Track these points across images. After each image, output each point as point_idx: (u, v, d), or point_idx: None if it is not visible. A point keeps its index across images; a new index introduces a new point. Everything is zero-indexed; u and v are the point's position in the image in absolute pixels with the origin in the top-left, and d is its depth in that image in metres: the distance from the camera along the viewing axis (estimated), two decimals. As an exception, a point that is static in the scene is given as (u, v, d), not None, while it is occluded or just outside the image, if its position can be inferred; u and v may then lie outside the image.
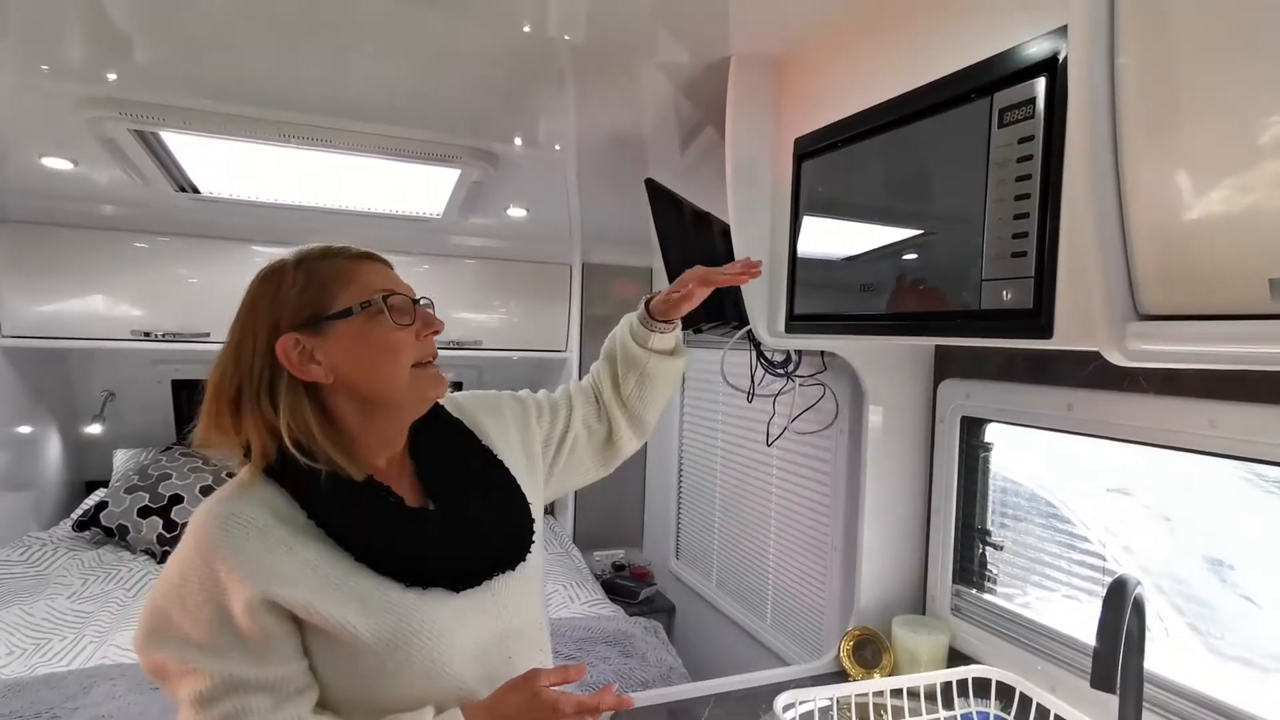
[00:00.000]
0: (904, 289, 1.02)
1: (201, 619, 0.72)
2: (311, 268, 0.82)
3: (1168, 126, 0.64)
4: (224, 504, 0.77)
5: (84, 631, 1.85)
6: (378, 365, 0.81)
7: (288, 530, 0.76)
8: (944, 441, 1.47)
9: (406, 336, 0.83)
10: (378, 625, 0.77)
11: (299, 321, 0.79)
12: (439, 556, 0.83)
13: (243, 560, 0.73)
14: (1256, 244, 0.59)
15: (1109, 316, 0.70)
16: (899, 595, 1.52)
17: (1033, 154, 0.82)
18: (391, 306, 0.82)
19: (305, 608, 0.74)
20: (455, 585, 0.83)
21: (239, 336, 0.81)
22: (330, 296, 0.81)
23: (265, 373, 0.79)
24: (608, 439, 1.13)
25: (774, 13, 1.19)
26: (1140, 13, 0.66)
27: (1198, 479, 1.13)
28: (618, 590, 2.92)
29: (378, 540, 0.79)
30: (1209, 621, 1.09)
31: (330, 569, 0.77)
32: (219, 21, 1.24)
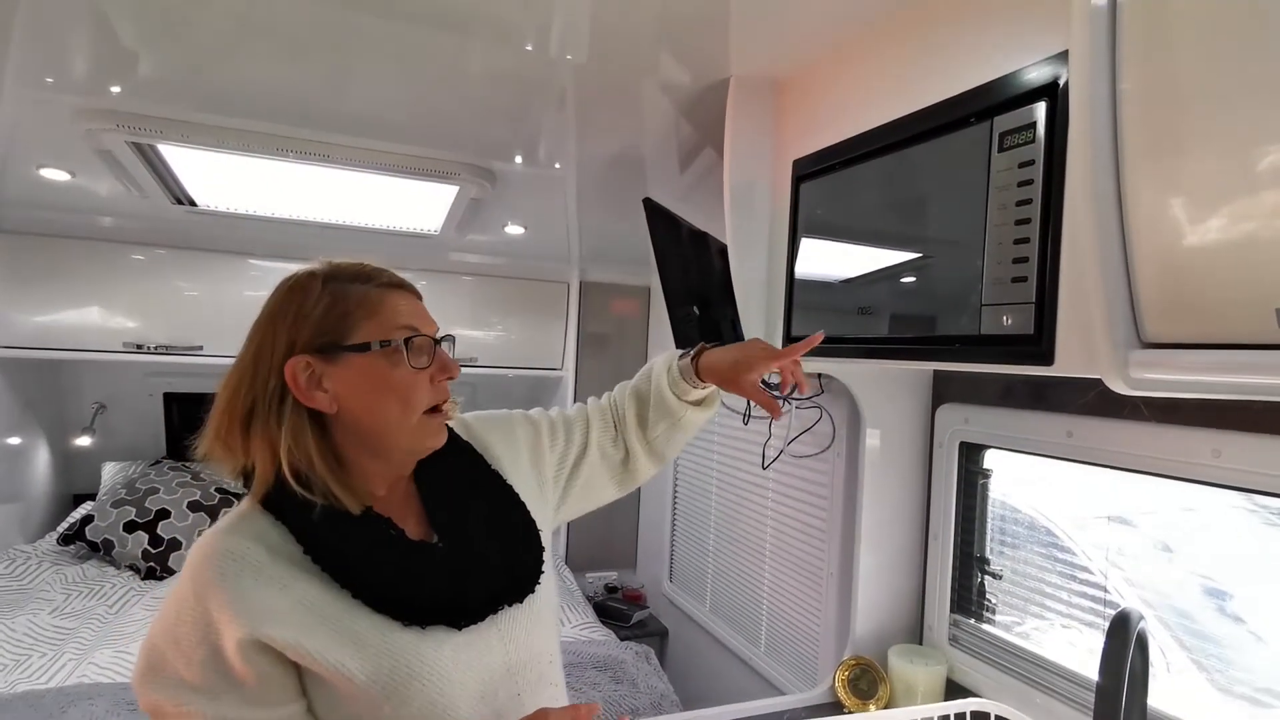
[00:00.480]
0: (902, 312, 1.01)
1: (195, 660, 0.70)
2: (338, 290, 0.79)
3: (1170, 153, 0.64)
4: (219, 538, 0.74)
5: (64, 648, 1.81)
6: (386, 406, 0.78)
7: (283, 566, 0.74)
8: (942, 467, 1.45)
9: (421, 380, 0.80)
10: (374, 668, 0.73)
11: (315, 345, 0.77)
12: (440, 593, 0.78)
13: (235, 598, 0.70)
14: (1262, 273, 0.58)
15: (1112, 344, 0.68)
16: (896, 624, 1.49)
17: (1033, 178, 0.81)
18: (413, 349, 0.79)
19: (296, 649, 0.71)
20: (457, 623, 0.78)
21: (256, 347, 0.78)
22: (351, 325, 0.78)
23: (277, 390, 0.76)
24: (624, 464, 1.09)
25: (774, 34, 1.19)
26: (1142, 39, 0.65)
27: (1202, 510, 1.11)
28: (610, 613, 2.87)
29: (375, 577, 0.76)
30: (1212, 656, 1.07)
31: (325, 607, 0.73)
32: (224, 37, 1.23)
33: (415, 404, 0.79)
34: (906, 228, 1.03)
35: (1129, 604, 1.16)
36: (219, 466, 0.79)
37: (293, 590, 0.73)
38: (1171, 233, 0.65)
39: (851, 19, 1.12)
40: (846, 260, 1.16)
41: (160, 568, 2.36)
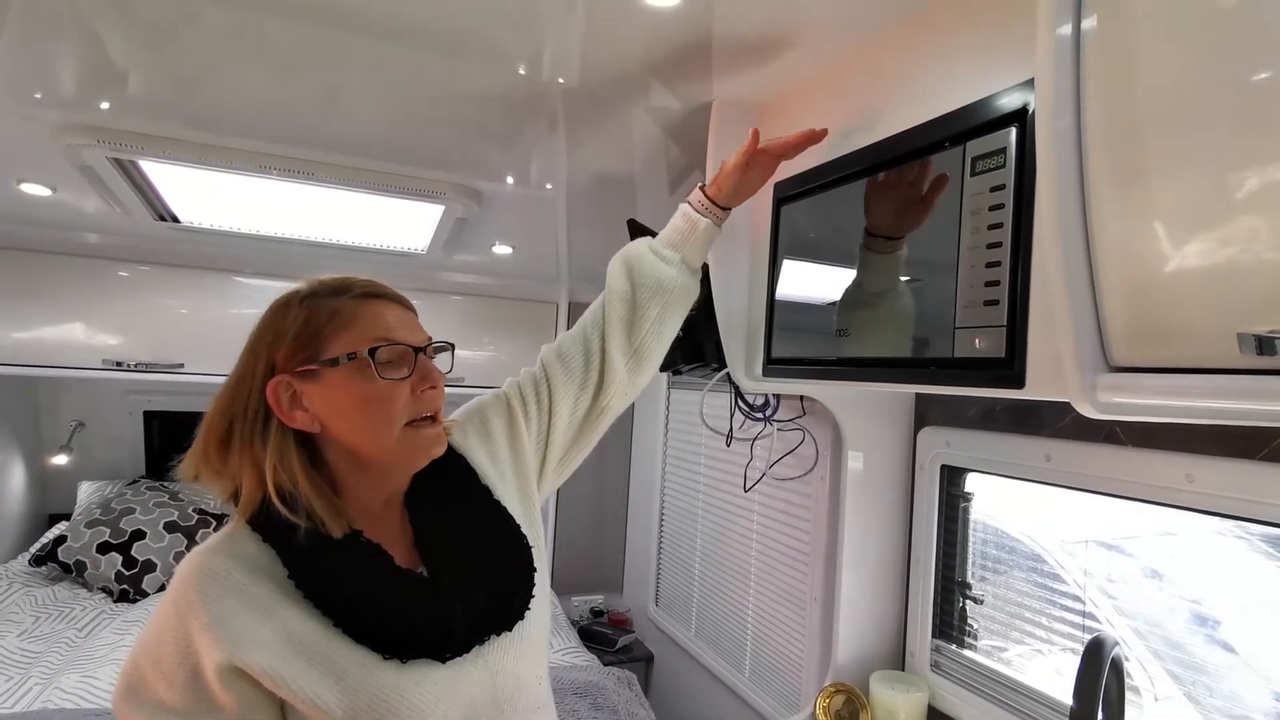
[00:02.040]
0: (879, 335, 1.01)
1: (176, 681, 0.68)
2: (314, 305, 0.78)
3: (1134, 182, 0.64)
4: (205, 557, 0.73)
5: (30, 672, 1.77)
6: (365, 421, 0.77)
7: (266, 589, 0.72)
8: (924, 490, 1.45)
9: (399, 391, 0.78)
10: (351, 703, 0.71)
11: (293, 364, 0.76)
12: (425, 625, 0.76)
13: (216, 620, 0.69)
14: (1224, 299, 0.59)
15: (1079, 368, 0.68)
16: (878, 650, 1.47)
17: (1004, 203, 0.82)
18: (379, 360, 0.77)
19: (273, 679, 0.69)
20: (441, 655, 0.76)
21: (240, 370, 0.78)
22: (324, 340, 0.76)
23: (260, 412, 0.75)
24: (595, 398, 1.02)
25: (754, 60, 1.21)
26: (1106, 69, 0.66)
27: (1186, 534, 1.11)
28: (595, 637, 2.84)
29: (359, 607, 0.74)
30: (1198, 684, 1.06)
31: (306, 636, 0.72)
32: (213, 55, 1.24)
33: (394, 416, 0.77)
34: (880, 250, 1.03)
35: (1116, 631, 1.16)
36: (209, 487, 0.78)
37: (275, 616, 0.71)
38: (1137, 259, 0.65)
39: (831, 44, 1.13)
40: (825, 282, 1.17)
41: (133, 590, 2.31)
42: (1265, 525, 0.93)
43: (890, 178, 0.98)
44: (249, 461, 0.74)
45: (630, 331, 1.04)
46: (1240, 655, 1.03)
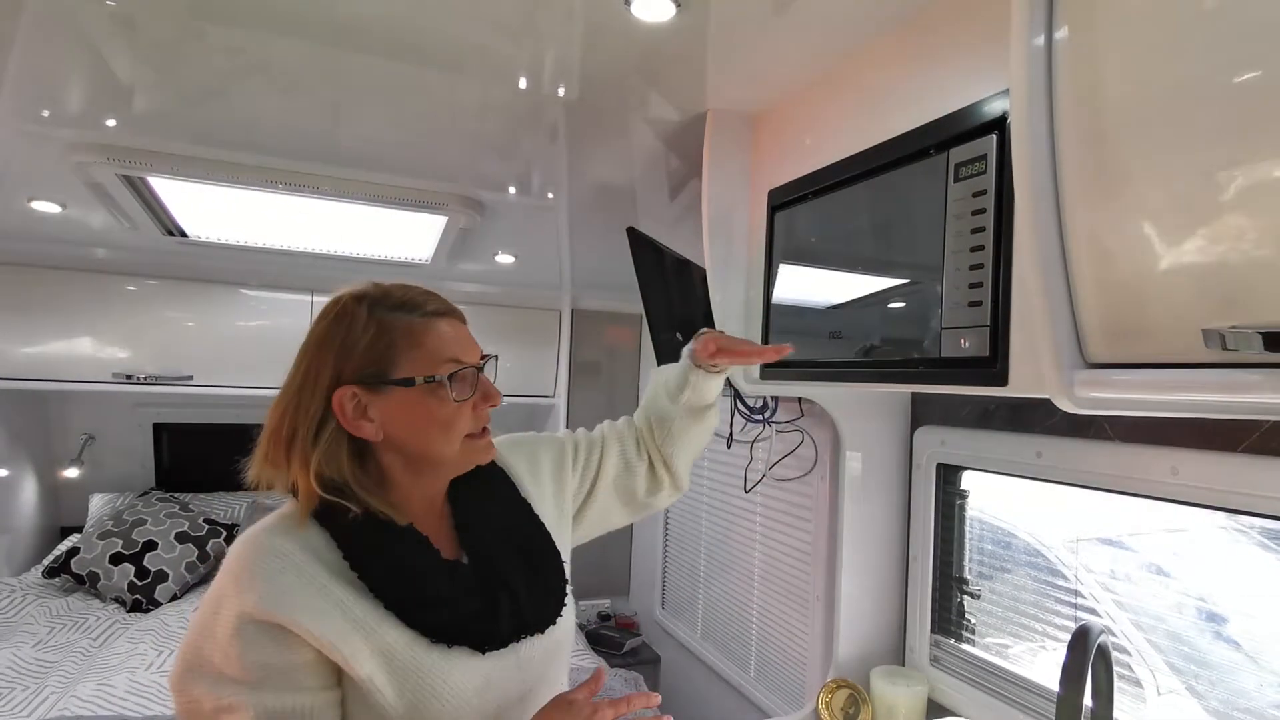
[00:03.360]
0: (870, 336, 1.04)
1: (233, 652, 0.71)
2: (384, 319, 0.81)
3: (1104, 187, 0.67)
4: (265, 536, 0.77)
5: (46, 682, 1.80)
6: (430, 436, 0.81)
7: (323, 570, 0.76)
8: (921, 489, 1.47)
9: (465, 409, 0.82)
10: (400, 683, 0.75)
11: (361, 376, 0.79)
12: (469, 615, 0.81)
13: (275, 591, 0.72)
14: (1188, 297, 0.62)
15: (1057, 365, 0.71)
16: (878, 646, 1.50)
17: (986, 207, 0.85)
18: (456, 383, 0.81)
19: (331, 646, 0.73)
20: (481, 647, 0.80)
21: (302, 375, 0.80)
22: (396, 357, 0.80)
23: (319, 415, 0.78)
24: (642, 485, 1.12)
25: (747, 70, 1.24)
26: (1076, 79, 0.69)
27: (1195, 531, 1.13)
28: (602, 641, 2.86)
29: (410, 590, 0.78)
30: (1200, 678, 1.08)
31: (361, 614, 0.75)
32: (218, 73, 1.27)
33: (457, 432, 0.82)
34: (873, 255, 1.07)
35: (1117, 625, 1.18)
36: (271, 482, 0.81)
37: (331, 594, 0.75)
38: (1108, 261, 0.68)
39: (821, 56, 1.16)
40: (818, 286, 1.20)
41: (146, 600, 2.34)
42: (1247, 515, 0.95)
43: None
44: (302, 460, 0.78)
45: (653, 443, 1.13)
46: (1242, 648, 1.05)
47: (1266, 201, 0.55)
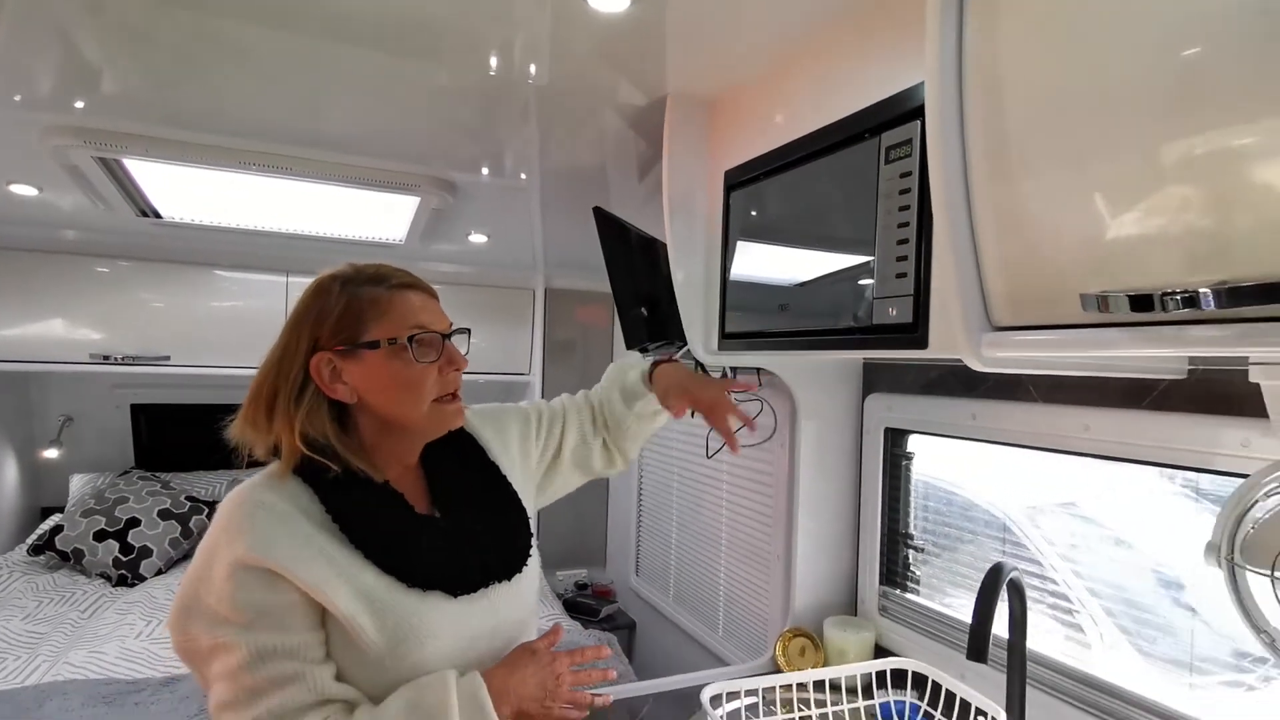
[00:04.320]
0: (813, 307, 1.13)
1: (225, 595, 0.78)
2: (355, 292, 0.89)
3: (1003, 170, 0.76)
4: (252, 491, 0.84)
5: (38, 651, 1.86)
6: (399, 396, 0.89)
7: (307, 522, 0.83)
8: (870, 452, 1.58)
9: (430, 372, 0.90)
10: (381, 623, 0.83)
11: (333, 343, 0.87)
12: (441, 562, 0.89)
13: (264, 539, 0.79)
14: (1068, 268, 0.70)
15: (967, 329, 0.80)
16: (832, 598, 1.60)
17: (911, 187, 0.94)
18: (417, 344, 0.88)
19: (317, 589, 0.80)
20: (454, 590, 0.89)
21: (284, 344, 0.88)
22: (364, 325, 0.88)
23: (299, 381, 0.86)
24: (596, 460, 1.21)
25: (703, 56, 1.30)
26: (980, 74, 0.77)
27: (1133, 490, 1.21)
28: (580, 609, 2.96)
29: (387, 540, 0.86)
30: (1114, 599, 1.17)
31: (343, 562, 0.83)
32: (187, 54, 1.30)
33: (425, 394, 0.90)
34: (818, 232, 1.15)
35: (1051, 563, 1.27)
36: (252, 443, 0.88)
37: (315, 543, 0.82)
38: (1008, 235, 0.77)
39: (771, 44, 1.23)
40: (769, 262, 1.28)
41: (131, 575, 2.40)
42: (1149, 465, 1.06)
43: None
44: (286, 421, 0.85)
45: (606, 429, 1.22)
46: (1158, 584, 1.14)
47: (1125, 186, 0.64)
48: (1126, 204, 0.64)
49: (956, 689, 1.19)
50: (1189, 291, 0.59)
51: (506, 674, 0.90)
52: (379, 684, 0.85)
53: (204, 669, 0.81)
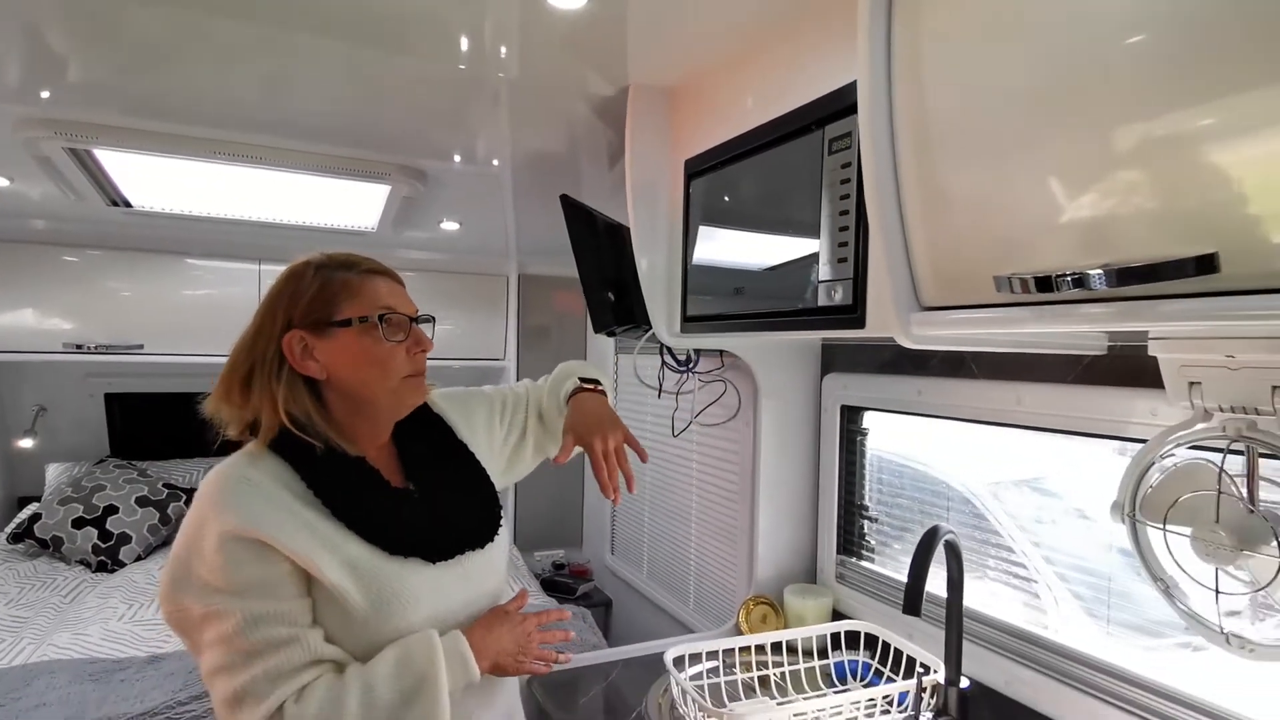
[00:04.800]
0: (764, 290, 1.20)
1: (217, 565, 0.83)
2: (327, 275, 0.95)
3: (927, 163, 0.82)
4: (234, 468, 0.89)
5: (22, 634, 1.89)
6: (367, 373, 0.94)
7: (289, 496, 0.88)
8: (828, 428, 1.65)
9: (398, 351, 0.95)
10: (364, 588, 0.89)
11: (306, 322, 0.92)
12: (419, 531, 0.95)
13: (249, 513, 0.84)
14: (985, 252, 0.77)
15: (897, 309, 0.87)
16: (793, 567, 1.69)
17: (851, 178, 1.00)
18: (386, 323, 0.94)
19: (304, 558, 0.85)
20: (431, 558, 0.95)
21: (259, 323, 0.93)
22: (337, 305, 0.93)
23: (275, 358, 0.91)
24: (555, 445, 1.25)
25: (662, 47, 1.34)
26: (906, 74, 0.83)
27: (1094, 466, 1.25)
28: (557, 588, 3.04)
29: (366, 512, 0.92)
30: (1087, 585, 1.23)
31: (326, 532, 0.89)
32: (153, 42, 1.32)
33: (393, 372, 0.95)
34: (770, 219, 1.21)
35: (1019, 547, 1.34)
36: (226, 420, 0.93)
37: (298, 514, 0.88)
38: (933, 224, 0.83)
39: (726, 36, 1.28)
40: (726, 248, 1.34)
41: (111, 561, 2.42)
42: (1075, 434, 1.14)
43: None
44: (266, 396, 0.90)
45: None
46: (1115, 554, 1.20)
47: (1025, 180, 0.71)
48: (1028, 196, 0.71)
49: (904, 647, 1.28)
50: (1078, 273, 0.67)
51: (484, 632, 0.98)
52: (364, 646, 0.91)
53: (196, 637, 0.86)
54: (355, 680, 0.87)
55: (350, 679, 0.87)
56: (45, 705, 1.46)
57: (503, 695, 1.08)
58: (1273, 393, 0.73)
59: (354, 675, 0.87)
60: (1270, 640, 0.75)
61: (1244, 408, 0.76)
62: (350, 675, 0.87)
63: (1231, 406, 0.77)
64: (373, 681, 0.87)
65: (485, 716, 1.02)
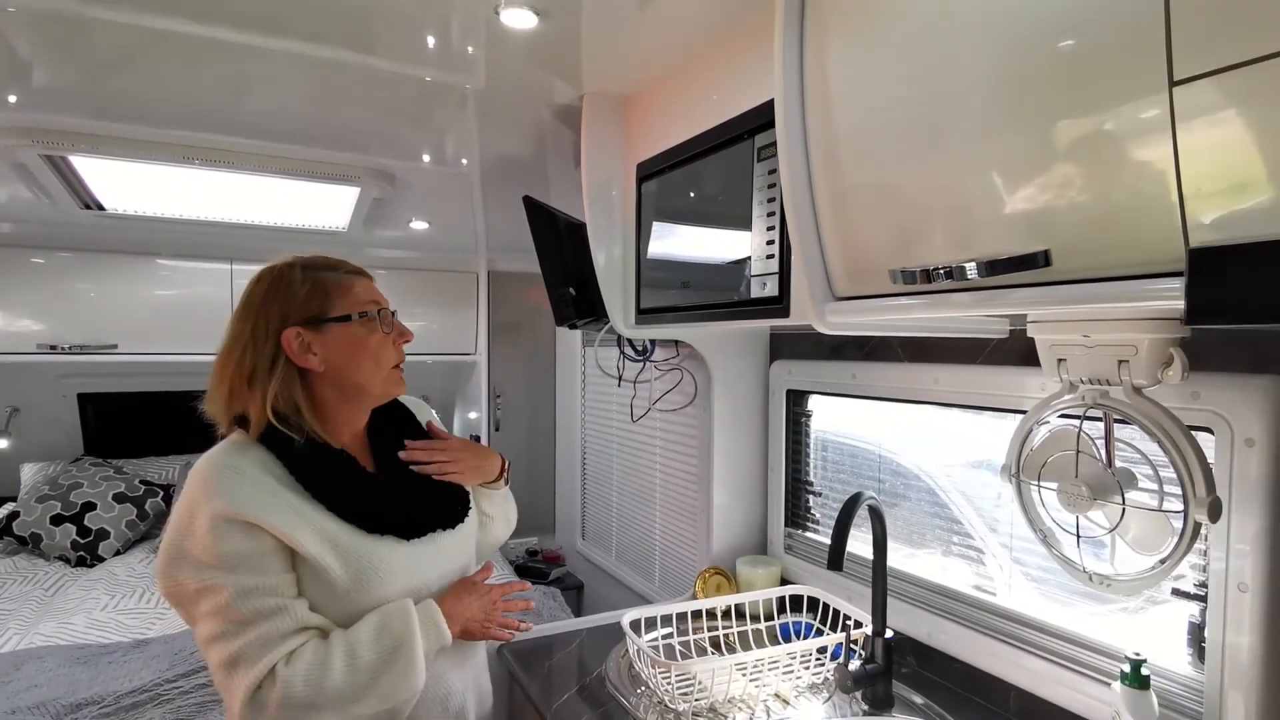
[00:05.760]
0: (706, 284, 1.31)
1: (209, 545, 0.91)
2: (317, 276, 1.04)
3: (832, 170, 0.94)
4: (222, 456, 0.98)
5: (7, 625, 1.95)
6: (363, 363, 1.04)
7: (272, 481, 0.97)
8: (775, 411, 1.78)
9: (388, 342, 1.07)
10: (344, 561, 0.98)
11: (302, 319, 1.01)
12: (393, 511, 1.05)
13: (236, 497, 0.93)
14: (883, 249, 0.89)
15: (812, 299, 0.99)
16: (745, 540, 1.82)
17: (776, 183, 1.12)
18: (381, 319, 1.06)
19: (290, 538, 0.94)
20: (405, 535, 1.05)
21: (254, 323, 1.01)
22: (331, 302, 1.03)
23: (272, 355, 1.00)
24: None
25: (612, 61, 1.45)
26: (815, 90, 0.95)
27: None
28: (531, 573, 3.15)
29: (344, 495, 1.01)
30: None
31: (308, 513, 0.98)
32: (116, 46, 1.36)
33: (385, 360, 1.07)
34: (711, 217, 1.33)
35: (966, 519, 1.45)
36: (216, 415, 1.01)
37: (282, 497, 0.97)
38: (841, 222, 0.95)
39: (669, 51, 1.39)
40: (674, 245, 1.46)
41: (90, 556, 2.48)
42: (984, 410, 1.27)
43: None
44: (260, 392, 0.99)
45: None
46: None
47: (909, 188, 0.83)
48: (911, 203, 0.84)
49: (841, 606, 1.41)
50: (949, 267, 0.79)
51: (454, 600, 1.09)
52: (346, 615, 1.00)
53: (192, 609, 0.95)
54: (339, 644, 0.96)
55: (335, 643, 0.96)
56: (38, 687, 1.54)
57: (472, 658, 1.19)
58: (1119, 366, 0.86)
59: (338, 639, 0.97)
60: (1122, 575, 0.89)
61: (1099, 379, 0.89)
62: (335, 639, 0.97)
63: (1090, 379, 0.91)
64: (355, 645, 0.97)
65: (456, 676, 1.13)
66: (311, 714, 0.93)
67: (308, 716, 0.93)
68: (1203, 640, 0.97)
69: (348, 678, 0.95)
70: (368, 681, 0.96)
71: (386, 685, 0.97)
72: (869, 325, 0.99)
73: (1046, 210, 0.70)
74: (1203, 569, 0.98)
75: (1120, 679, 0.94)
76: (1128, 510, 0.86)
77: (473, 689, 1.17)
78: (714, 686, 1.23)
